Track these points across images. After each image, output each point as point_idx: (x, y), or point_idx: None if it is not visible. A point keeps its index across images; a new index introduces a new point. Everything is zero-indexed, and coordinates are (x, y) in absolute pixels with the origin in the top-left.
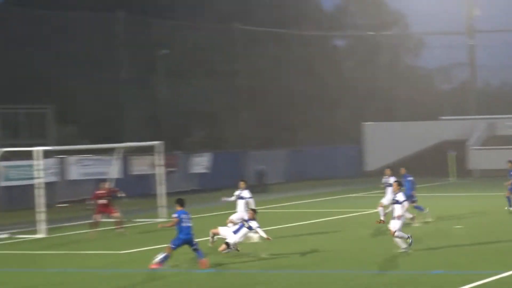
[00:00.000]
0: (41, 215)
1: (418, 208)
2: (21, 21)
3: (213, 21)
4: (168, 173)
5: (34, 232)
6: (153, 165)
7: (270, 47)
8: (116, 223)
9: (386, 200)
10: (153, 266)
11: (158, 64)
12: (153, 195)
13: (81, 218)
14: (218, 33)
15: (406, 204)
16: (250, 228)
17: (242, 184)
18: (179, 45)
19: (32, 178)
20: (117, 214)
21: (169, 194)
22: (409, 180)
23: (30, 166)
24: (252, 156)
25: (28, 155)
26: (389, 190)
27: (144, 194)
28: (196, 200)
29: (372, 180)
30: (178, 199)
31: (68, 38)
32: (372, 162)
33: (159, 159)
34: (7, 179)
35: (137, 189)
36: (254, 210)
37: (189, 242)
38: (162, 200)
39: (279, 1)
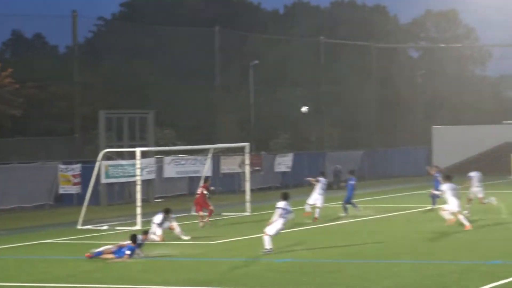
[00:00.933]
0: (139, 209)
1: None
2: (127, 34)
3: (300, 34)
4: (254, 172)
5: (132, 224)
6: (240, 165)
7: (351, 58)
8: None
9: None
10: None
11: (250, 73)
12: (240, 191)
13: (175, 212)
14: (304, 46)
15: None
16: None
17: None
18: (269, 56)
19: (132, 176)
20: (211, 208)
21: (253, 191)
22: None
23: (131, 165)
24: (330, 156)
25: (130, 155)
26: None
27: (232, 190)
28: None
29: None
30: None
31: (169, 50)
32: (439, 162)
33: (246, 159)
34: (108, 176)
35: (226, 186)
36: None
37: None
38: (248, 195)
39: (361, 16)
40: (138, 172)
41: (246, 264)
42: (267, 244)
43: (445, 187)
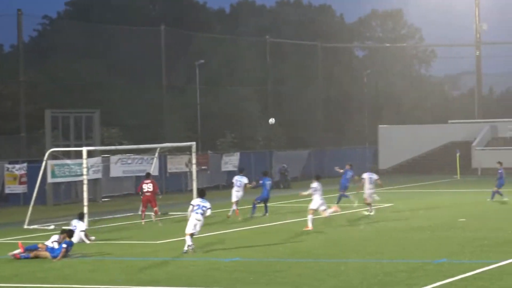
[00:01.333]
0: (86, 209)
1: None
2: (73, 32)
3: (246, 34)
4: (201, 171)
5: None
6: (187, 164)
7: (297, 57)
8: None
9: None
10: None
11: (196, 73)
12: (187, 191)
13: (122, 211)
14: (250, 45)
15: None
16: None
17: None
18: (216, 56)
19: (79, 175)
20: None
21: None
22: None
23: (78, 164)
24: (277, 156)
25: (76, 155)
26: None
27: (179, 190)
28: (226, 195)
29: (384, 177)
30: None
31: (115, 49)
32: (385, 161)
33: (193, 158)
34: (55, 176)
35: (173, 185)
36: None
37: None
38: (195, 195)
39: (307, 16)
40: (84, 171)
41: (193, 263)
42: (188, 241)
43: (315, 185)
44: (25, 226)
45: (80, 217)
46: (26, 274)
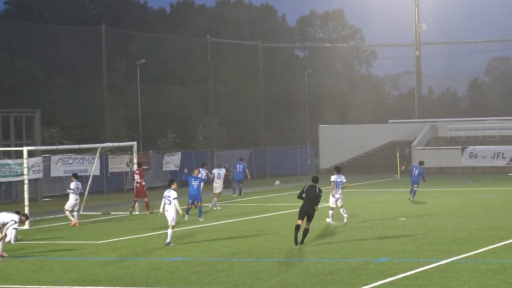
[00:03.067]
0: (26, 209)
1: None
2: (13, 32)
3: (187, 34)
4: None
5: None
6: (128, 163)
7: (238, 57)
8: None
9: None
10: None
11: (137, 72)
12: (128, 190)
13: (63, 211)
14: (192, 45)
15: None
16: None
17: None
18: (157, 56)
19: (20, 175)
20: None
21: None
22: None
23: (18, 164)
24: (218, 155)
25: (17, 155)
26: None
27: (120, 189)
28: None
29: (324, 176)
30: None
31: (55, 49)
32: (326, 161)
33: (134, 158)
34: None
35: (114, 185)
36: None
37: None
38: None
39: (248, 15)
40: (25, 171)
41: (135, 263)
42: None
43: (333, 178)
44: None
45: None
46: None
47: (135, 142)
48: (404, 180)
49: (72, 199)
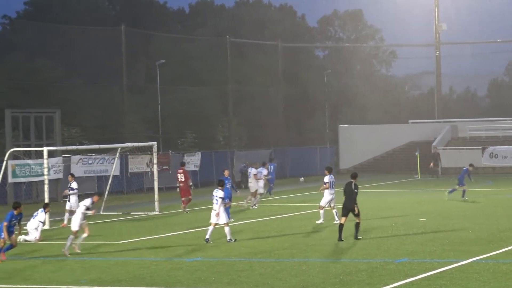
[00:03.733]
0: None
1: None
2: (32, 32)
3: (206, 34)
4: (162, 171)
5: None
6: (148, 164)
7: (258, 57)
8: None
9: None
10: None
11: (157, 72)
12: (148, 190)
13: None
14: (211, 45)
15: None
16: None
17: None
18: (176, 56)
19: (40, 175)
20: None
21: (162, 190)
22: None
23: (39, 164)
24: (238, 155)
25: (37, 155)
26: None
27: (140, 189)
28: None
29: (343, 177)
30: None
31: (75, 49)
32: (346, 162)
33: (154, 158)
34: (15, 176)
35: (134, 185)
36: None
37: None
38: (156, 195)
39: (267, 16)
40: (45, 171)
41: (156, 263)
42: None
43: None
44: None
45: (44, 207)
46: None
47: (155, 142)
48: (424, 181)
49: (74, 199)
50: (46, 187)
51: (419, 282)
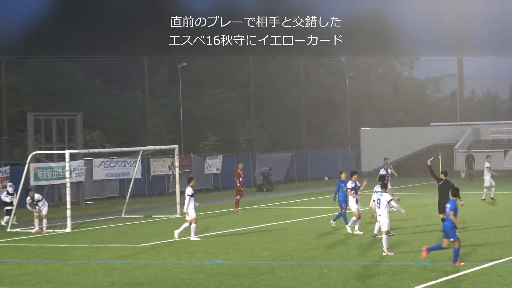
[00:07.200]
0: (69, 212)
1: None
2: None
3: None
4: (184, 174)
5: (62, 226)
6: (170, 167)
7: (279, 60)
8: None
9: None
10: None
11: (178, 75)
12: (170, 193)
13: (105, 214)
14: None
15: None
16: None
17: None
18: (197, 58)
19: (62, 178)
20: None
21: (183, 193)
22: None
23: (61, 167)
24: (260, 158)
25: (59, 158)
26: None
27: (162, 192)
28: (210, 198)
29: (367, 180)
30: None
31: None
32: (368, 164)
33: (176, 161)
34: (38, 179)
35: (156, 188)
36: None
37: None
38: (178, 198)
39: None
40: (67, 174)
41: (177, 266)
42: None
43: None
44: (8, 229)
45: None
46: (10, 277)
47: (177, 145)
48: (460, 184)
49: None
50: (68, 190)
51: (441, 286)
